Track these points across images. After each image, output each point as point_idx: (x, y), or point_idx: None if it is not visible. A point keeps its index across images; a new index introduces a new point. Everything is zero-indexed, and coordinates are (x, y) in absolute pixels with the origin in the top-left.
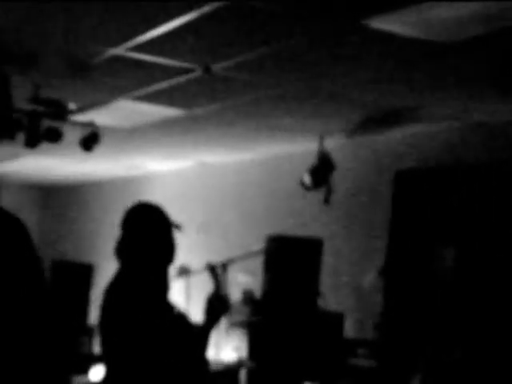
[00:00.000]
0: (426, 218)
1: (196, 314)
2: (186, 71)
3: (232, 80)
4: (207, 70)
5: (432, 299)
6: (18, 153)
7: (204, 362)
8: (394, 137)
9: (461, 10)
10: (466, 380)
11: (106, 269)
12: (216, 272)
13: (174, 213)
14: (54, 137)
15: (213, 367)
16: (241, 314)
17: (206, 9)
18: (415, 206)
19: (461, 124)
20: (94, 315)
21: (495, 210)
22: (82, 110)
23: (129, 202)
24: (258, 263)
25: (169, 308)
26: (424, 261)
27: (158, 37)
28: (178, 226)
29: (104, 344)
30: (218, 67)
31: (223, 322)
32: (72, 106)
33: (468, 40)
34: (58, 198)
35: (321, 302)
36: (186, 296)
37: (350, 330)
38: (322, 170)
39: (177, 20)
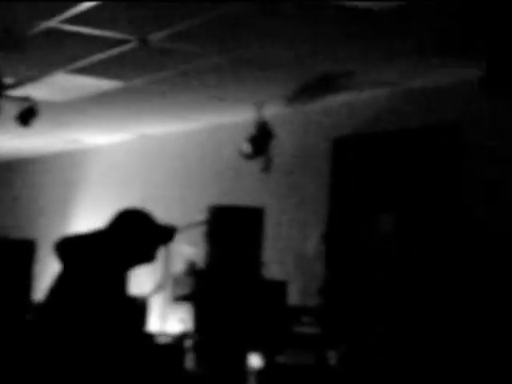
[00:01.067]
0: (364, 185)
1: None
2: (122, 42)
3: (168, 51)
4: (143, 41)
5: (371, 265)
6: None
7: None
8: (331, 104)
9: None
10: (391, 353)
11: (48, 244)
12: None
13: (115, 187)
14: None
15: (158, 339)
16: (185, 285)
17: None
18: (354, 173)
19: (396, 90)
20: (37, 291)
21: (433, 176)
22: (18, 84)
23: (69, 176)
24: (201, 234)
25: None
26: (364, 227)
27: (92, 8)
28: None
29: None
30: (153, 38)
31: (168, 295)
32: (8, 80)
33: (400, 7)
34: None
35: (264, 272)
36: None
37: (294, 298)
38: (260, 139)
39: None
